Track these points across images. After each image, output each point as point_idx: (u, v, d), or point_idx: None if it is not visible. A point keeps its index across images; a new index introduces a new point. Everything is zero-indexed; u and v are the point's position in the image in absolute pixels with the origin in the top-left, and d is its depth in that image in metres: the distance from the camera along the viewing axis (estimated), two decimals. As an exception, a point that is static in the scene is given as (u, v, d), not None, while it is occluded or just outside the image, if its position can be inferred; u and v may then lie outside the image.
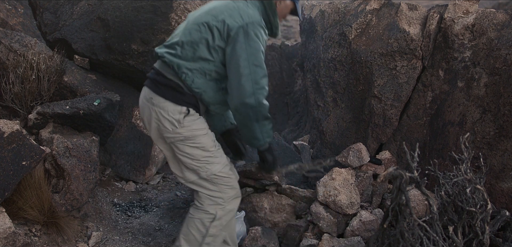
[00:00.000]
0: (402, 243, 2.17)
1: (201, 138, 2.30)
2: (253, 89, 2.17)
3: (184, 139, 2.27)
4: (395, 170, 2.19)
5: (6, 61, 3.04)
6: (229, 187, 2.37)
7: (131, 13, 3.58)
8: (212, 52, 2.22)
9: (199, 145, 2.29)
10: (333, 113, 3.51)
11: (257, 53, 2.18)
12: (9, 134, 2.42)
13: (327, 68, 3.49)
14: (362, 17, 3.34)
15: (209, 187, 2.33)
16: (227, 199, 2.35)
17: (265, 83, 2.22)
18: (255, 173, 2.95)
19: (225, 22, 2.20)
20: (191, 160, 2.29)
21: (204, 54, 2.22)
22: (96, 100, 3.04)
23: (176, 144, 2.28)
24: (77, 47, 3.63)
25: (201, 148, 2.30)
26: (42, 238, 2.58)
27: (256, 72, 2.17)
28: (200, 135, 2.30)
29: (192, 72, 2.23)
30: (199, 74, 2.24)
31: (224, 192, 2.34)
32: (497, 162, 2.80)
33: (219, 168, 2.35)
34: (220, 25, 2.21)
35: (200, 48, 2.22)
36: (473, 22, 2.94)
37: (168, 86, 2.25)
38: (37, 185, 2.54)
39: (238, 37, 2.17)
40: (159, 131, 2.28)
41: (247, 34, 2.17)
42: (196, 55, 2.23)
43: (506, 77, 2.76)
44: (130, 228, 3.09)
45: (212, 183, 2.33)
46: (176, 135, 2.25)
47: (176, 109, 2.23)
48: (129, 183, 3.62)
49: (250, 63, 2.16)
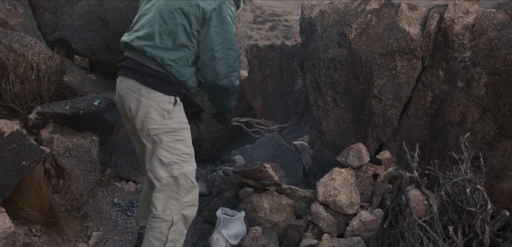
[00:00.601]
0: (402, 243, 2.17)
1: (185, 131, 2.36)
2: (227, 72, 2.28)
3: (170, 131, 2.30)
4: (395, 170, 2.19)
5: (6, 61, 3.04)
6: (189, 193, 2.38)
7: (131, 13, 3.58)
8: (191, 38, 2.26)
9: (182, 138, 2.33)
10: (333, 113, 3.51)
11: (230, 36, 2.27)
12: (9, 134, 2.43)
13: (327, 68, 3.49)
14: (362, 17, 3.34)
15: (173, 188, 2.33)
16: (184, 204, 2.36)
17: (237, 65, 2.32)
18: (252, 172, 2.96)
19: (199, 6, 2.22)
20: (171, 154, 2.31)
21: (184, 41, 2.25)
22: (96, 100, 3.04)
23: (160, 136, 2.29)
24: (77, 47, 3.63)
25: (183, 142, 2.34)
26: (42, 238, 2.58)
27: (230, 56, 2.27)
28: (184, 128, 2.36)
29: (176, 62, 2.26)
30: (183, 63, 2.28)
31: (183, 196, 2.35)
32: (497, 162, 2.80)
33: (191, 169, 2.39)
34: (195, 11, 2.22)
35: (179, 36, 2.24)
36: (473, 22, 2.94)
37: (156, 77, 2.26)
38: (37, 185, 2.54)
39: (212, 20, 2.23)
40: (144, 123, 2.28)
41: (220, 16, 2.24)
42: (177, 44, 2.25)
43: (506, 77, 2.76)
44: (130, 228, 3.09)
45: (177, 185, 2.34)
46: (162, 126, 2.28)
47: (165, 99, 2.26)
48: (129, 183, 3.62)
49: (223, 47, 2.25)
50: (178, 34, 2.24)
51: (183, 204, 2.36)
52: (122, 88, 2.35)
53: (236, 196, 3.16)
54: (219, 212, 2.90)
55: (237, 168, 3.17)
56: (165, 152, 2.30)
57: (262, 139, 3.60)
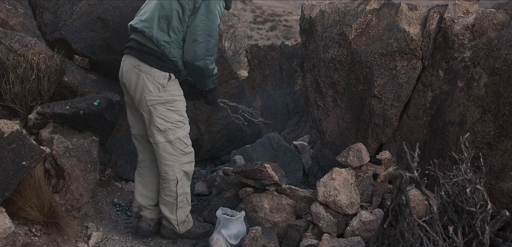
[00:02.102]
0: (402, 243, 2.17)
1: (178, 103, 2.75)
2: (204, 55, 2.64)
3: (164, 102, 2.69)
4: (395, 170, 2.19)
5: (6, 61, 3.04)
6: (186, 154, 2.83)
7: (131, 13, 3.58)
8: (182, 23, 2.65)
9: (175, 109, 2.74)
10: (333, 113, 3.51)
11: (213, 25, 2.63)
12: (9, 134, 2.43)
13: (327, 68, 3.49)
14: (362, 17, 3.34)
15: (170, 150, 2.77)
16: (182, 163, 2.81)
17: (214, 51, 2.68)
18: (252, 172, 2.98)
19: None
20: (165, 121, 2.71)
21: (176, 25, 2.64)
22: (96, 100, 3.04)
23: (155, 106, 2.69)
24: (77, 47, 3.63)
25: (176, 112, 2.74)
26: (42, 238, 2.58)
27: (209, 41, 2.63)
28: (177, 100, 2.75)
29: (169, 44, 2.64)
30: (175, 45, 2.66)
31: (181, 157, 2.80)
32: (497, 162, 2.80)
33: (184, 134, 2.81)
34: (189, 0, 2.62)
35: (173, 21, 2.63)
36: (473, 22, 2.94)
37: (153, 55, 2.65)
38: (37, 185, 2.54)
39: (200, 9, 2.61)
40: (143, 94, 2.68)
41: (208, 7, 2.61)
42: (171, 27, 2.64)
43: (506, 77, 2.76)
44: (130, 228, 3.09)
45: (174, 147, 2.77)
46: (158, 97, 2.68)
47: (161, 74, 2.66)
48: (129, 183, 3.62)
49: (205, 33, 2.62)
50: (173, 19, 2.62)
51: (181, 163, 2.81)
52: (125, 65, 2.75)
53: (236, 196, 3.16)
54: (219, 212, 2.90)
55: (237, 168, 3.17)
56: (160, 120, 2.70)
57: (262, 139, 3.60)
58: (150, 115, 2.71)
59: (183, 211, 2.92)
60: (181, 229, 2.95)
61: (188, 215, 2.98)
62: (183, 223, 2.95)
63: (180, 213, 2.90)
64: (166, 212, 2.90)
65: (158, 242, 2.99)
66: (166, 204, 2.88)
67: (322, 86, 3.54)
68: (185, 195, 2.89)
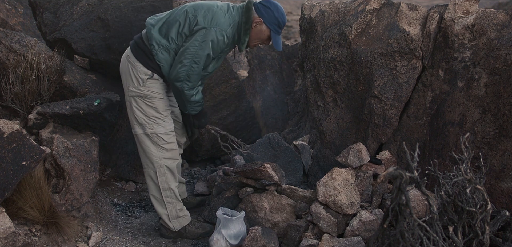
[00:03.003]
0: (402, 243, 2.17)
1: (156, 100, 2.80)
2: (183, 78, 2.67)
3: (143, 96, 2.77)
4: (395, 170, 2.19)
5: (6, 61, 3.04)
6: (165, 150, 2.85)
7: (131, 13, 3.58)
8: (178, 36, 2.70)
9: (153, 105, 2.79)
10: (333, 113, 3.51)
11: (202, 53, 2.65)
12: (9, 134, 2.43)
13: (327, 68, 3.49)
14: (362, 17, 3.34)
15: (148, 144, 2.83)
16: (162, 157, 2.85)
17: (195, 79, 2.70)
18: (252, 172, 2.98)
19: (196, 17, 2.68)
20: (142, 114, 2.79)
21: (173, 34, 2.70)
22: (96, 100, 3.04)
23: (135, 98, 2.79)
24: (77, 47, 3.62)
25: (154, 108, 2.80)
26: (42, 238, 2.58)
27: (192, 68, 2.65)
28: (156, 97, 2.79)
29: (159, 46, 2.71)
30: (164, 50, 2.72)
31: (160, 151, 2.84)
32: (497, 162, 2.80)
33: (163, 130, 2.83)
34: (192, 18, 2.68)
35: (172, 29, 2.70)
36: (473, 22, 2.94)
37: (142, 50, 2.75)
38: (37, 185, 2.54)
39: (197, 34, 2.65)
40: (126, 83, 2.81)
41: (204, 36, 2.64)
42: (168, 34, 2.71)
43: (506, 77, 2.76)
44: (130, 228, 3.09)
45: (152, 142, 2.82)
46: (138, 90, 2.76)
47: (143, 70, 2.74)
48: (129, 183, 3.62)
49: (191, 59, 2.64)
50: (173, 27, 2.70)
51: (161, 156, 2.85)
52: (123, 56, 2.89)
53: (236, 196, 3.16)
54: (219, 212, 2.90)
55: (237, 168, 3.17)
56: (139, 113, 2.79)
57: (262, 139, 3.59)
58: (131, 106, 2.83)
59: (173, 206, 2.93)
60: (175, 225, 2.96)
61: (182, 211, 2.99)
62: (177, 219, 2.96)
63: (170, 208, 2.92)
64: (158, 207, 2.95)
65: (158, 242, 2.99)
66: (155, 198, 2.94)
67: (322, 86, 3.54)
68: (170, 190, 2.91)
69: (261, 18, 2.78)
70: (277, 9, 2.81)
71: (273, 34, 2.82)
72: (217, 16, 2.68)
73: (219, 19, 2.68)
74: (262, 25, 2.80)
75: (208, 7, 2.72)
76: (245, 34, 2.81)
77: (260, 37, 2.86)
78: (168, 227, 2.97)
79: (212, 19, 2.66)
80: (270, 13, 2.78)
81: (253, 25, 2.80)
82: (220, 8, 2.73)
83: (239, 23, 2.78)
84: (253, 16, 2.78)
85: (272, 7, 2.79)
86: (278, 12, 2.80)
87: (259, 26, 2.80)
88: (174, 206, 2.94)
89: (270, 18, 2.79)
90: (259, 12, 2.79)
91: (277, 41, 2.86)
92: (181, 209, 2.98)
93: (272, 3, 2.81)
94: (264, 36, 2.85)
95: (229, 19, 2.73)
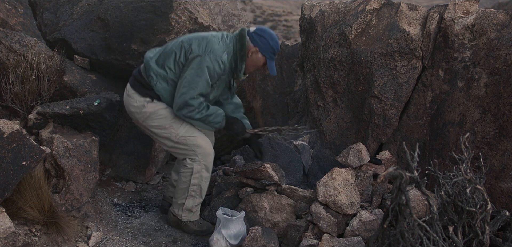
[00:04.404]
0: (402, 243, 2.17)
1: (162, 110, 2.86)
2: (183, 106, 2.75)
3: (149, 115, 2.84)
4: (395, 170, 2.19)
5: (6, 61, 3.04)
6: (197, 145, 2.88)
7: (131, 13, 3.58)
8: (175, 65, 2.80)
9: (162, 116, 2.86)
10: (333, 113, 3.51)
11: (198, 79, 2.73)
12: (9, 134, 2.43)
13: (327, 68, 3.49)
14: (362, 17, 3.34)
15: (182, 147, 2.89)
16: (200, 153, 2.88)
17: (195, 102, 2.74)
18: (252, 172, 3.01)
19: (191, 46, 2.78)
20: (161, 130, 2.87)
21: (170, 64, 2.80)
22: (96, 100, 3.04)
23: (145, 122, 2.87)
24: (77, 47, 3.62)
25: (164, 118, 2.86)
26: (42, 238, 2.58)
27: (189, 93, 2.72)
28: (161, 108, 2.85)
29: (157, 76, 2.81)
30: (162, 80, 2.81)
31: (196, 148, 2.87)
32: (497, 162, 2.80)
33: (184, 131, 2.88)
34: (187, 47, 2.78)
35: (169, 59, 2.80)
36: (473, 22, 2.94)
37: (140, 82, 2.86)
38: (37, 185, 2.54)
39: (193, 62, 2.74)
40: (132, 115, 2.92)
41: (200, 63, 2.73)
42: (165, 64, 2.81)
43: (506, 77, 2.76)
44: (130, 228, 3.09)
45: (183, 144, 2.88)
46: (142, 113, 2.85)
47: (141, 99, 2.85)
48: (129, 183, 3.62)
49: (188, 85, 2.73)
50: (170, 57, 2.80)
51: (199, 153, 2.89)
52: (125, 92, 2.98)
53: (236, 196, 3.16)
54: (219, 212, 2.90)
55: (237, 168, 3.17)
56: (157, 130, 2.88)
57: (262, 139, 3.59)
58: (149, 131, 2.92)
59: (193, 200, 2.98)
60: (184, 216, 3.02)
61: (197, 208, 3.04)
62: (188, 212, 3.01)
63: (189, 201, 2.98)
64: (177, 195, 3.00)
65: (158, 242, 2.99)
66: (179, 186, 2.97)
67: (322, 86, 3.54)
68: (199, 186, 2.95)
69: (256, 47, 2.88)
70: (271, 37, 2.90)
71: (268, 60, 2.93)
72: (211, 44, 2.78)
73: (213, 46, 2.77)
74: (258, 54, 2.90)
75: (202, 37, 2.84)
76: (241, 61, 2.91)
77: (256, 64, 2.96)
78: (175, 214, 3.04)
79: (206, 47, 2.76)
80: (265, 42, 2.88)
81: (249, 54, 2.90)
82: (214, 36, 2.85)
83: (235, 51, 2.89)
84: (248, 45, 2.88)
85: (266, 36, 2.88)
86: (272, 40, 2.90)
87: (255, 55, 2.90)
88: (193, 201, 2.99)
89: (265, 47, 2.88)
90: (254, 42, 2.88)
91: (272, 67, 2.96)
92: (197, 205, 3.04)
93: (265, 32, 2.91)
94: (260, 63, 2.95)
95: (223, 46, 2.83)
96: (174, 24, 3.64)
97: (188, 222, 3.04)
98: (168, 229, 3.14)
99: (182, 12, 3.68)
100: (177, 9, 3.64)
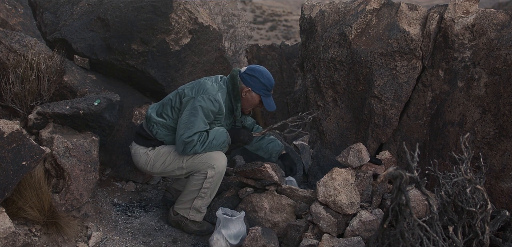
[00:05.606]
0: (402, 243, 2.17)
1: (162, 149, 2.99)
2: (184, 146, 2.83)
3: (153, 159, 2.99)
4: (395, 170, 2.19)
5: (6, 61, 3.04)
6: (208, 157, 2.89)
7: (131, 13, 3.58)
8: (172, 111, 2.94)
9: (164, 153, 2.97)
10: (333, 113, 3.52)
11: (193, 119, 2.81)
12: (9, 134, 2.43)
13: (327, 68, 3.49)
14: (362, 17, 3.35)
15: (195, 165, 2.90)
16: (216, 158, 2.89)
17: (195, 137, 2.81)
18: (252, 172, 3.01)
19: (184, 90, 2.91)
20: (168, 164, 2.96)
21: (167, 112, 2.95)
22: (96, 100, 3.04)
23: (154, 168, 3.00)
24: (77, 47, 3.62)
25: (167, 153, 2.96)
26: (42, 238, 2.58)
27: (186, 133, 2.81)
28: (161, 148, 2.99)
29: (157, 125, 2.97)
30: (162, 127, 2.96)
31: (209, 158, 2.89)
32: (497, 162, 2.80)
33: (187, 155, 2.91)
34: (181, 92, 2.92)
35: (166, 108, 2.96)
36: (473, 22, 2.94)
37: (143, 137, 3.03)
38: (37, 185, 2.54)
39: (187, 104, 2.85)
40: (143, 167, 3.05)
41: (193, 104, 2.83)
42: (163, 113, 2.96)
43: (506, 77, 2.76)
44: (130, 228, 3.09)
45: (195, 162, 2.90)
46: (149, 163, 3.00)
47: (143, 150, 3.01)
48: (129, 183, 3.62)
49: (184, 126, 2.82)
50: (167, 105, 2.96)
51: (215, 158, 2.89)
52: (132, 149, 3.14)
53: (236, 196, 3.16)
54: (219, 212, 2.90)
55: (237, 168, 3.17)
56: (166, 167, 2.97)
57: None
58: (163, 173, 3.04)
59: (202, 201, 2.99)
60: (191, 214, 3.03)
61: (204, 208, 3.04)
62: (196, 212, 3.02)
63: (197, 201, 2.98)
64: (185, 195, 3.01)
65: (158, 242, 2.99)
66: (189, 188, 2.98)
67: (322, 86, 3.54)
68: (210, 189, 2.96)
69: (248, 87, 2.94)
70: (262, 75, 2.94)
71: (263, 98, 2.97)
72: (203, 85, 2.88)
73: (206, 87, 2.86)
74: (252, 93, 2.96)
75: (196, 82, 2.96)
76: (236, 101, 2.98)
77: (252, 103, 3.01)
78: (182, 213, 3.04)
79: (199, 89, 2.86)
80: (256, 80, 2.93)
81: (243, 95, 2.97)
82: (207, 79, 2.95)
83: (228, 92, 2.97)
84: (241, 85, 2.95)
85: (256, 75, 2.93)
86: (263, 78, 2.94)
87: (248, 95, 2.96)
88: (203, 201, 2.99)
89: (257, 86, 2.94)
90: (245, 82, 2.95)
91: (269, 103, 2.99)
92: (205, 206, 3.03)
93: (256, 70, 2.95)
94: (255, 102, 2.99)
95: (216, 86, 2.91)
96: (174, 24, 3.64)
97: (188, 221, 3.04)
98: (168, 229, 3.14)
99: (182, 12, 3.68)
100: (177, 9, 3.64)
